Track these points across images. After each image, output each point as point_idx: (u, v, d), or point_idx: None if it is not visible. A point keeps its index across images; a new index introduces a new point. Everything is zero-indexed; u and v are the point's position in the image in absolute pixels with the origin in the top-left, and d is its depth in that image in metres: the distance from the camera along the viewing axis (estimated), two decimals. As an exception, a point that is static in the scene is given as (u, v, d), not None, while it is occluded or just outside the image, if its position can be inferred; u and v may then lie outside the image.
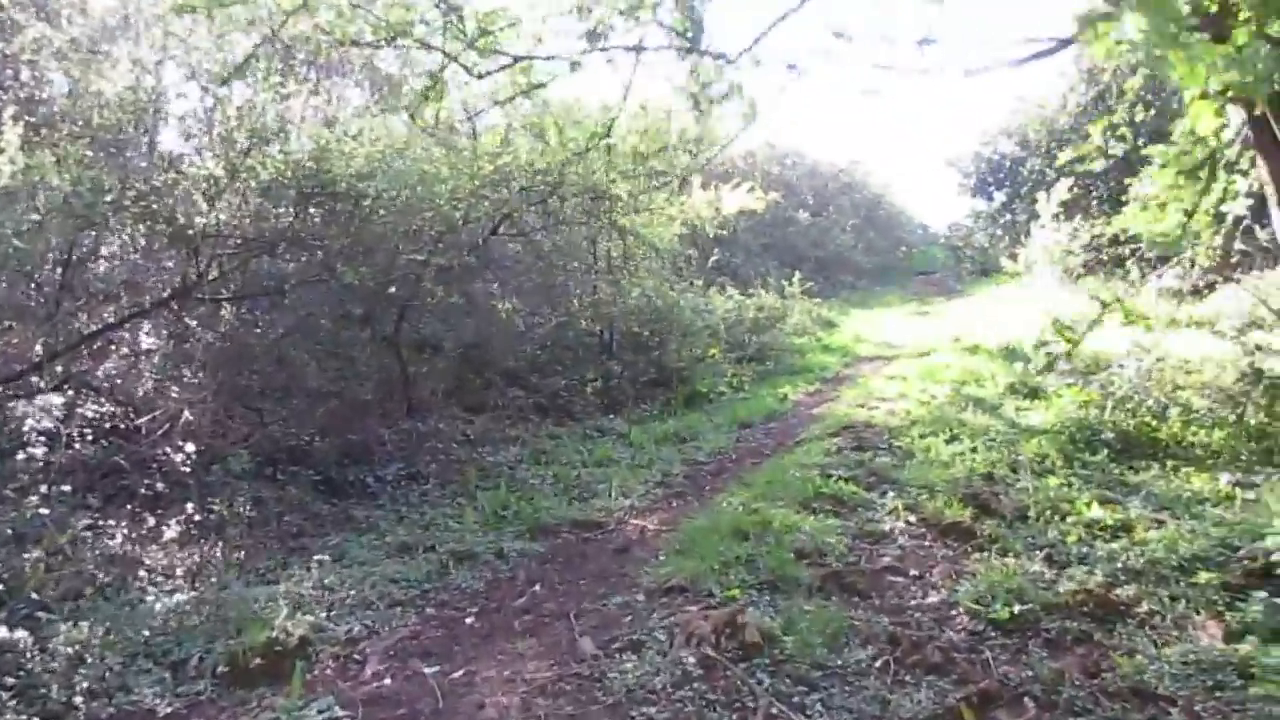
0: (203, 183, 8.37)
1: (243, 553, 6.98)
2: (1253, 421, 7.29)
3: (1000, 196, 22.67)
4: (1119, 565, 5.17)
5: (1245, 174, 9.29)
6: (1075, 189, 16.79)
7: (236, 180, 8.49)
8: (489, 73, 5.09)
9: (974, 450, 7.26)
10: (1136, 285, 13.99)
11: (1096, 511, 5.88)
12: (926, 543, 5.63)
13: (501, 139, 9.19)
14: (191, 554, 6.83)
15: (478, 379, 11.44)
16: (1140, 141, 9.85)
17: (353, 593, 6.05)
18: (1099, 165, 10.60)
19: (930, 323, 15.29)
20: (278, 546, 7.28)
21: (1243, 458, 7.02)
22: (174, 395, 8.78)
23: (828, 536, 5.65)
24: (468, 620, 5.60)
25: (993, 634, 4.54)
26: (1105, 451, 7.17)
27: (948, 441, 7.53)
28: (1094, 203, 17.68)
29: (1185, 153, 9.16)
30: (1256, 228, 11.92)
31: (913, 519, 5.94)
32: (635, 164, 9.46)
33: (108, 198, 7.53)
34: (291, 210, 8.68)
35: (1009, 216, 21.54)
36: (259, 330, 9.66)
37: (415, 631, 5.47)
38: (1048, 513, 5.89)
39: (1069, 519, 5.83)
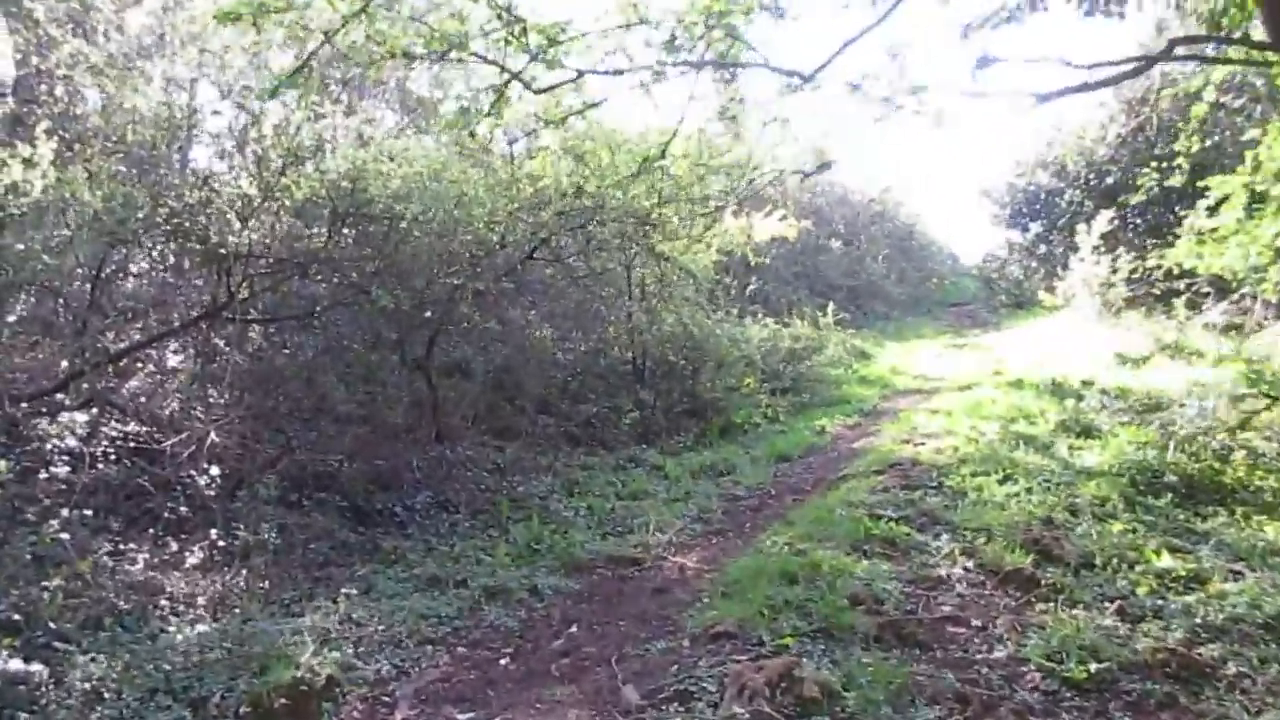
0: (236, 201, 8.23)
1: (267, 582, 6.75)
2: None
3: (1035, 228, 22.31)
4: (1198, 621, 4.83)
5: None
6: (1116, 221, 16.44)
7: (270, 200, 8.34)
8: (550, 88, 4.88)
9: (1029, 491, 6.92)
10: (1182, 321, 13.66)
11: (1167, 560, 5.54)
12: (987, 591, 5.31)
13: (549, 161, 9.00)
14: (214, 582, 6.61)
15: (508, 405, 11.21)
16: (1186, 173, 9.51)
17: (381, 629, 5.80)
18: (1141, 197, 10.30)
19: (968, 355, 14.93)
20: (303, 576, 7.04)
21: (1317, 506, 6.67)
22: (200, 416, 8.59)
23: (882, 582, 5.34)
24: (502, 662, 5.33)
25: (1069, 694, 4.22)
26: (1169, 496, 6.81)
27: (1000, 482, 7.20)
28: (1134, 235, 17.29)
29: (1253, 186, 8.90)
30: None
31: (970, 564, 5.62)
32: (680, 189, 9.26)
33: (139, 214, 7.40)
34: (325, 231, 8.53)
35: (1044, 248, 21.18)
36: (288, 352, 9.50)
37: (447, 673, 5.20)
38: (1114, 560, 5.55)
39: (1138, 568, 5.49)
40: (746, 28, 4.75)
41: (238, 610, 6.17)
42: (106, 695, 4.78)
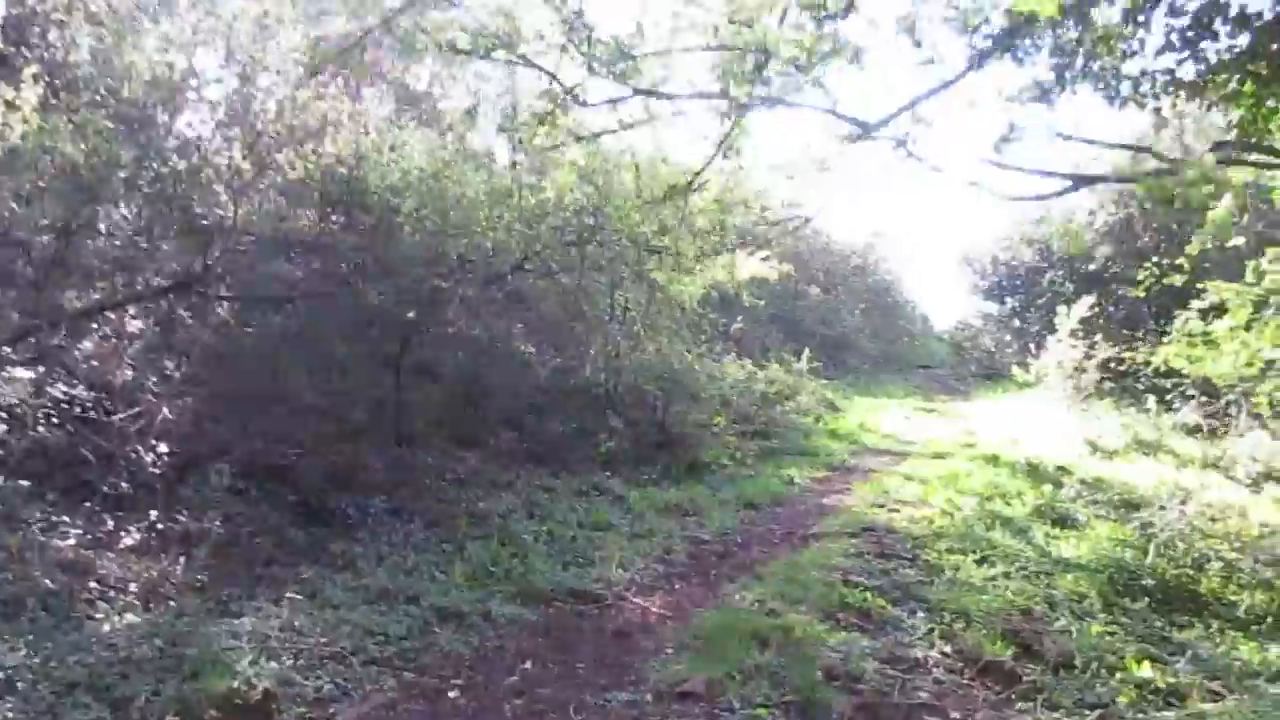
0: (226, 173, 7.89)
1: (206, 575, 6.38)
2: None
3: (1012, 302, 22.53)
4: (1179, 737, 4.68)
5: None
6: (1095, 307, 16.57)
7: (262, 176, 8.02)
8: (609, 102, 4.66)
9: (1007, 577, 6.77)
10: (1154, 417, 13.73)
11: (1146, 670, 5.39)
12: (965, 680, 5.11)
13: (570, 177, 8.77)
14: (149, 568, 6.25)
15: (475, 414, 10.89)
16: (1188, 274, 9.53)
17: (325, 641, 5.46)
18: (1140, 292, 10.33)
19: (939, 422, 14.88)
20: (245, 573, 6.66)
21: (1288, 628, 6.59)
22: (154, 389, 8.20)
23: (858, 658, 5.13)
24: (451, 694, 5.02)
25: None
26: (1146, 600, 6.70)
27: (978, 563, 7.04)
28: (1111, 324, 17.44)
29: (1258, 294, 8.94)
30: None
31: (948, 649, 5.43)
32: (689, 219, 9.11)
33: (122, 174, 7.04)
34: (315, 215, 8.21)
35: (1019, 324, 21.37)
36: (252, 331, 9.11)
37: (392, 700, 4.88)
38: (1094, 664, 5.38)
39: (1118, 675, 5.32)
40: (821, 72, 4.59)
41: (172, 603, 5.81)
42: (20, 686, 4.40)
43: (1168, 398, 13.06)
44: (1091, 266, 19.75)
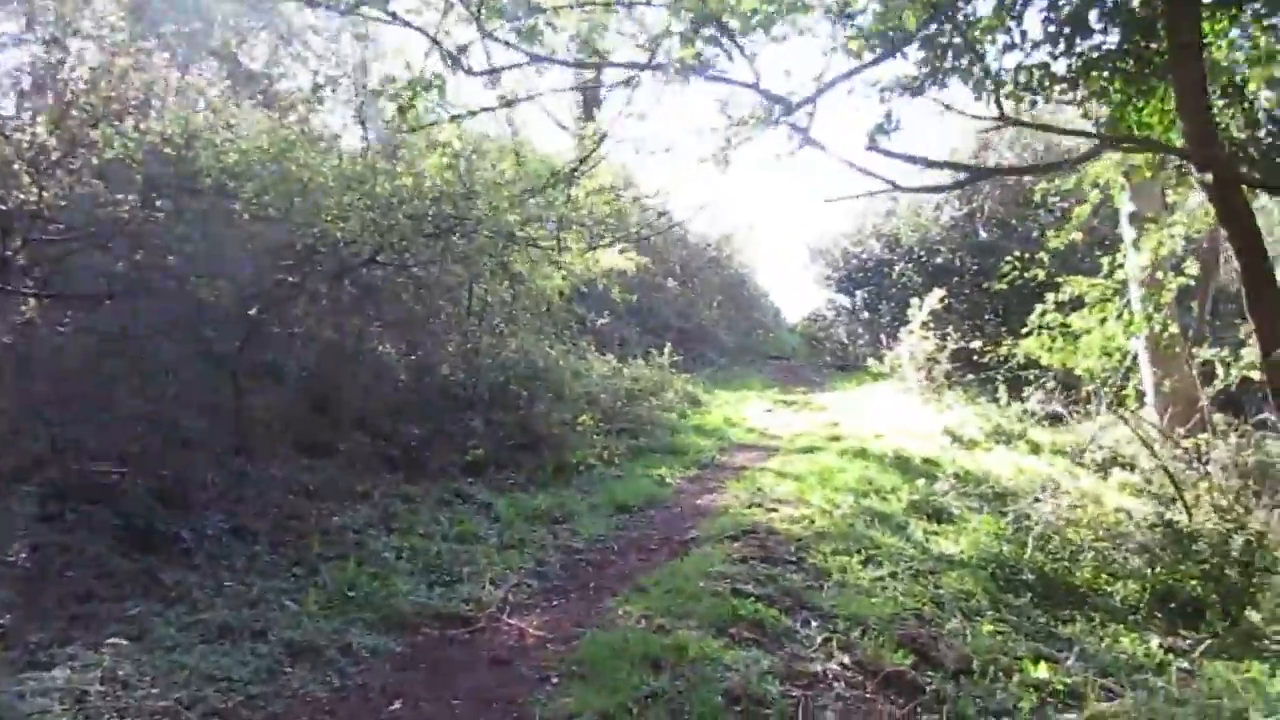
0: (27, 150, 6.89)
1: (8, 617, 5.49)
2: (1164, 578, 7.02)
3: (862, 294, 23.07)
4: (1085, 745, 4.59)
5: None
6: (946, 300, 17.05)
7: (72, 155, 7.05)
8: (493, 71, 4.11)
9: (894, 578, 6.63)
10: (1002, 406, 14.19)
11: (1043, 671, 5.32)
12: (868, 694, 4.88)
13: (442, 160, 8.08)
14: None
15: (323, 418, 10.08)
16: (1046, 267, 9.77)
17: (155, 693, 4.74)
18: (1003, 285, 10.56)
19: (801, 415, 14.92)
20: (59, 613, 5.78)
21: (1159, 617, 6.73)
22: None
23: (757, 679, 4.82)
24: (310, 748, 4.42)
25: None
26: (1028, 595, 6.72)
27: (863, 564, 6.89)
28: (957, 315, 18.02)
29: (1112, 290, 9.21)
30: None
31: (847, 660, 5.20)
32: (564, 209, 8.63)
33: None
34: (138, 200, 7.30)
35: (870, 316, 21.89)
36: (64, 331, 8.07)
37: (239, 761, 4.25)
38: (991, 668, 5.27)
39: (1015, 677, 5.23)
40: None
41: (-35, 654, 4.95)
42: None
43: (1023, 388, 13.46)
44: (939, 260, 20.41)
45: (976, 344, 14.51)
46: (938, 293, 16.85)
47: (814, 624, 5.80)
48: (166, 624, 5.65)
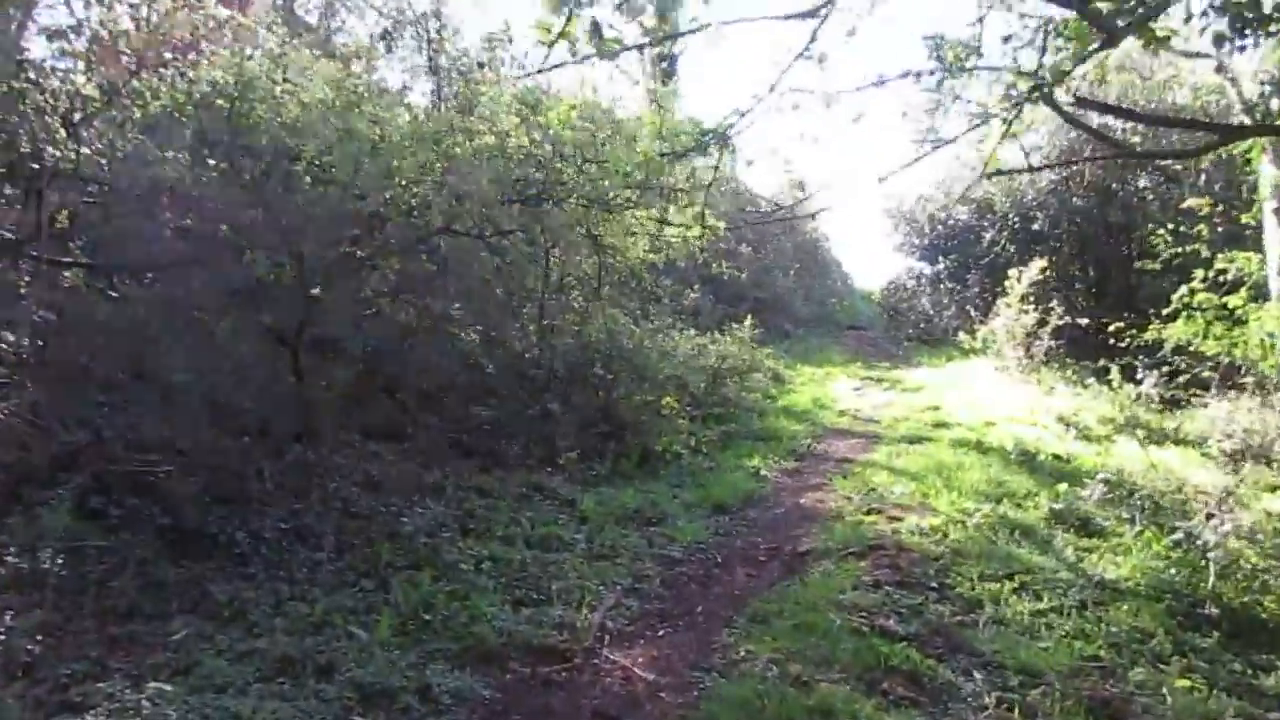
0: (64, 101, 6.06)
1: (40, 642, 4.74)
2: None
3: (945, 262, 21.65)
4: None
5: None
6: (1049, 271, 15.69)
7: (114, 106, 6.21)
8: None
9: (1058, 613, 5.62)
10: (1115, 389, 12.93)
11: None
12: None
13: (566, 115, 7.15)
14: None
15: (388, 399, 9.26)
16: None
17: (202, 754, 3.95)
18: (1156, 266, 9.37)
19: (894, 395, 13.78)
20: (95, 633, 5.03)
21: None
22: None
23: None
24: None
25: None
26: (1215, 634, 5.66)
27: (1015, 591, 5.89)
28: (1065, 289, 16.66)
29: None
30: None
31: (1034, 733, 4.24)
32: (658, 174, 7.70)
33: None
34: (186, 159, 6.45)
35: (956, 285, 20.51)
36: (105, 305, 7.27)
37: None
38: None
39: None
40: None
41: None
42: None
43: (1136, 370, 12.17)
44: (1034, 227, 18.95)
45: (1084, 321, 13.25)
46: (1039, 263, 15.50)
47: (977, 675, 4.83)
48: (217, 653, 4.86)
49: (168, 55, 6.29)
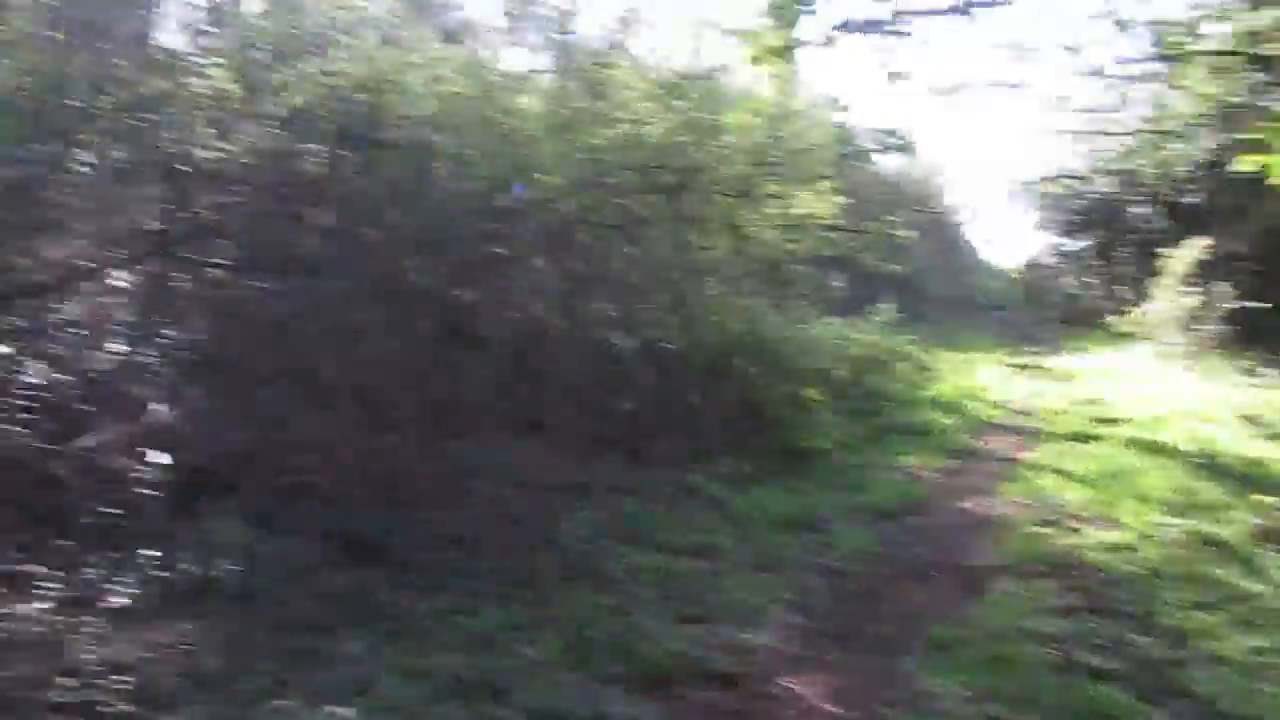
0: (207, 100, 5.99)
1: (222, 655, 4.65)
2: None
3: (1087, 239, 20.42)
4: None
5: None
6: (1216, 250, 14.54)
7: (254, 103, 6.12)
8: None
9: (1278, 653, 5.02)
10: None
11: None
12: None
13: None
14: (139, 646, 4.57)
15: (530, 389, 9.05)
16: None
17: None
18: None
19: (1048, 385, 12.97)
20: (270, 646, 4.91)
21: None
22: (148, 372, 6.42)
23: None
24: None
25: None
26: None
27: (1229, 622, 5.30)
28: (1234, 269, 15.42)
29: None
30: None
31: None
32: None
33: (75, 101, 5.17)
34: (326, 154, 6.34)
35: (1103, 264, 19.31)
36: (258, 306, 7.23)
37: None
38: None
39: None
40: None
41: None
42: None
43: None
44: (1191, 200, 17.62)
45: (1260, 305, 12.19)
46: (1201, 240, 14.37)
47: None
48: (391, 671, 4.71)
49: (302, 47, 6.17)
